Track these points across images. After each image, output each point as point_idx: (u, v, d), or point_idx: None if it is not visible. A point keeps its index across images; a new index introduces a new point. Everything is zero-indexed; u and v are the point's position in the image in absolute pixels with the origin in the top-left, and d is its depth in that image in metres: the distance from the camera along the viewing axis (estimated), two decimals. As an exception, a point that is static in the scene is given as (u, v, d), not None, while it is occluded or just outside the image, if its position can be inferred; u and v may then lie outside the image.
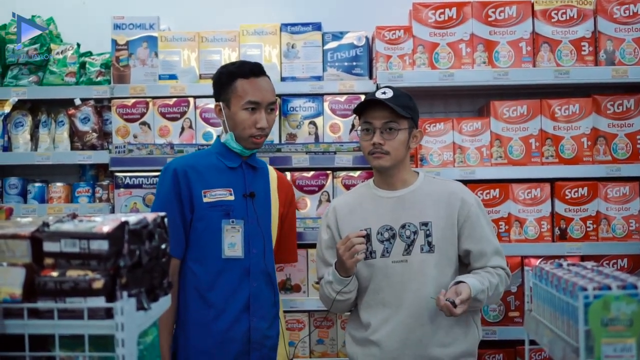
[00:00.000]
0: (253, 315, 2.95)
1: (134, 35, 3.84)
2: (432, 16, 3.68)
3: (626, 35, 3.63)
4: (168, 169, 3.00)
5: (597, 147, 3.62)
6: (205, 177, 2.97)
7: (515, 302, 3.59)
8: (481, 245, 2.87)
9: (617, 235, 3.59)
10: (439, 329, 2.82)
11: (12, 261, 1.66)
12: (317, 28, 3.81)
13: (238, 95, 2.97)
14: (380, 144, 2.84)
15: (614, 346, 1.55)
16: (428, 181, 2.97)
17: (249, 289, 2.95)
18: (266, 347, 2.98)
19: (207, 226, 2.94)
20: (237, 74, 2.99)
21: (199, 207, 2.94)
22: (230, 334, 2.92)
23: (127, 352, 1.57)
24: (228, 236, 2.94)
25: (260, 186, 3.06)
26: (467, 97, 4.05)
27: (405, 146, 2.89)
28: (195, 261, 2.95)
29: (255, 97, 2.96)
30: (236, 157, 3.03)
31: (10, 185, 3.84)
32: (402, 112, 2.82)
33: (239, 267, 2.94)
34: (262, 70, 3.06)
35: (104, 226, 1.63)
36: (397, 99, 2.85)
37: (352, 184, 3.61)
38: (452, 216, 2.87)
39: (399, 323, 2.83)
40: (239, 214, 2.96)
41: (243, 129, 2.96)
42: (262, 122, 2.95)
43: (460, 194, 2.92)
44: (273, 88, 3.07)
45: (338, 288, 2.86)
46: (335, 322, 3.64)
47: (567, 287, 1.70)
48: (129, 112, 3.77)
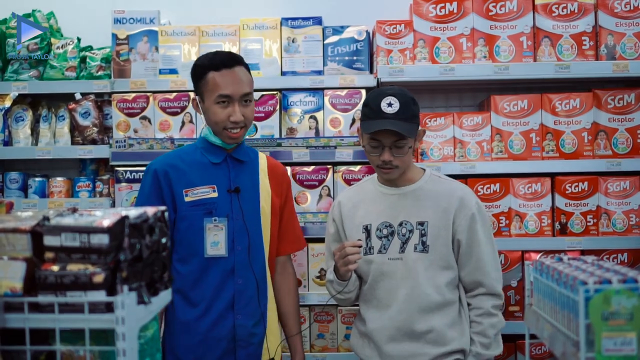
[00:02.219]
0: (238, 312, 2.88)
1: (134, 29, 3.84)
2: (432, 10, 3.67)
3: (627, 30, 3.63)
4: (149, 170, 2.93)
5: (597, 142, 3.62)
6: (188, 175, 2.90)
7: (515, 297, 3.59)
8: (475, 274, 2.87)
9: (617, 229, 3.59)
10: (432, 328, 2.82)
11: (13, 255, 1.66)
12: (318, 22, 3.80)
13: (209, 90, 2.87)
14: (390, 161, 2.80)
15: (615, 340, 1.55)
16: (432, 180, 2.94)
17: (233, 287, 2.88)
18: (253, 344, 2.92)
19: (190, 225, 2.87)
20: (208, 67, 2.88)
21: (181, 206, 2.87)
22: (215, 333, 2.87)
23: (127, 346, 1.57)
24: (210, 235, 2.87)
25: (246, 180, 2.97)
26: (468, 92, 4.05)
27: (411, 154, 2.87)
28: (179, 260, 2.89)
29: (226, 91, 2.85)
30: (220, 152, 2.95)
31: (11, 180, 3.84)
32: (410, 134, 2.77)
33: (222, 265, 2.88)
34: (237, 61, 2.93)
35: (104, 220, 1.63)
36: (404, 110, 2.76)
37: (353, 178, 3.61)
38: (449, 217, 2.84)
39: (391, 320, 2.84)
40: (223, 211, 2.89)
41: (216, 123, 2.87)
42: (235, 116, 2.85)
43: (461, 193, 2.88)
44: (249, 79, 2.94)
45: (338, 288, 2.89)
46: (335, 316, 3.64)
47: (568, 281, 1.70)
48: (129, 107, 3.77)
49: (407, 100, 2.80)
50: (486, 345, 2.83)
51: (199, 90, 2.94)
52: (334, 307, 3.63)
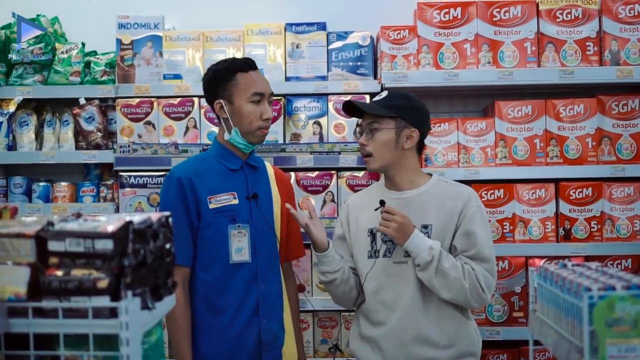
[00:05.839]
0: (262, 317, 2.93)
1: (138, 34, 3.85)
2: (436, 16, 3.68)
3: (631, 35, 3.63)
4: (172, 178, 2.94)
5: (601, 148, 3.61)
6: (209, 183, 2.93)
7: (519, 303, 3.59)
8: (466, 246, 2.81)
9: (621, 235, 3.59)
10: (436, 331, 2.81)
11: (17, 260, 1.66)
12: (322, 28, 3.81)
13: (241, 89, 2.93)
14: (363, 145, 2.88)
15: (619, 346, 1.54)
16: (439, 185, 2.93)
17: (257, 292, 2.93)
18: (278, 347, 2.97)
19: (215, 232, 2.90)
20: (235, 68, 2.96)
21: (206, 213, 2.90)
22: (244, 338, 2.90)
23: (131, 351, 1.57)
24: (235, 241, 2.90)
25: (261, 186, 3.03)
26: (472, 97, 4.04)
27: (391, 147, 2.85)
28: (202, 268, 2.92)
29: (260, 89, 2.93)
30: (236, 159, 2.99)
31: (15, 185, 3.85)
32: (381, 112, 2.83)
33: (246, 270, 2.92)
34: (256, 65, 3.04)
35: (108, 225, 1.63)
36: (387, 99, 2.87)
37: (357, 184, 3.61)
38: (453, 220, 2.83)
39: (397, 324, 2.83)
40: (244, 217, 2.93)
41: (250, 122, 2.92)
42: (267, 113, 2.94)
43: (466, 195, 2.87)
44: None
45: (321, 269, 2.93)
46: (339, 322, 3.64)
47: (572, 288, 1.69)
48: (133, 112, 3.77)
49: (398, 94, 2.91)
50: (458, 272, 2.74)
51: (225, 92, 2.95)
52: (338, 313, 3.63)
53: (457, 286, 2.74)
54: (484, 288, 2.76)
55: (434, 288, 2.76)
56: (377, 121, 2.85)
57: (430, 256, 2.72)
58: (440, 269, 2.72)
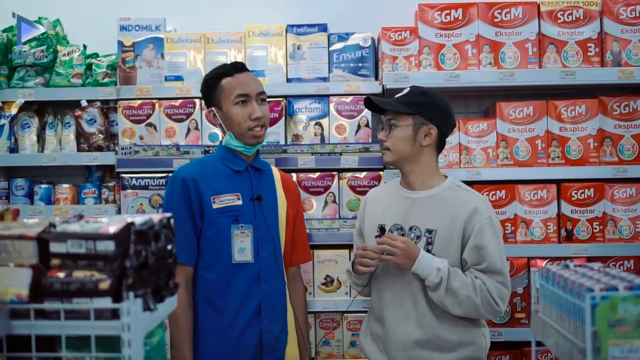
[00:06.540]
0: (264, 318, 2.95)
1: (140, 36, 3.85)
2: (438, 17, 3.68)
3: (632, 37, 3.63)
4: (176, 179, 2.98)
5: (603, 148, 3.61)
6: (213, 184, 2.96)
7: (521, 304, 3.58)
8: (477, 260, 2.78)
9: (623, 236, 3.58)
10: (440, 334, 2.80)
11: (19, 262, 1.66)
12: (323, 29, 3.81)
13: (226, 93, 2.99)
14: (382, 140, 2.90)
15: (621, 347, 1.54)
16: (450, 189, 2.90)
17: (259, 293, 2.95)
18: (279, 349, 2.99)
19: (217, 232, 2.93)
20: (222, 74, 3.03)
21: (209, 213, 2.93)
22: (244, 339, 2.92)
23: (133, 352, 1.57)
24: (237, 241, 2.93)
25: (266, 188, 3.05)
26: (473, 98, 4.05)
27: (408, 143, 2.85)
28: (205, 268, 2.95)
29: (243, 90, 2.98)
30: (241, 161, 3.03)
31: (17, 187, 3.85)
32: (399, 109, 2.85)
33: (249, 271, 2.94)
34: (245, 67, 3.09)
35: (110, 227, 1.64)
36: (407, 96, 2.88)
37: (358, 185, 3.61)
38: (458, 227, 2.80)
39: (398, 324, 2.83)
40: (248, 218, 2.96)
41: (239, 124, 2.96)
42: (256, 112, 2.96)
43: (472, 206, 2.81)
44: (259, 81, 3.10)
45: (353, 280, 2.99)
46: (341, 323, 3.64)
47: (574, 288, 1.69)
48: (135, 114, 3.78)
49: (418, 91, 2.91)
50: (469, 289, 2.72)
51: (215, 100, 3.02)
52: (340, 314, 3.62)
53: (469, 303, 2.73)
54: (497, 301, 2.75)
55: (446, 307, 2.76)
56: (395, 117, 2.87)
57: (438, 278, 2.72)
58: (450, 289, 2.72)
